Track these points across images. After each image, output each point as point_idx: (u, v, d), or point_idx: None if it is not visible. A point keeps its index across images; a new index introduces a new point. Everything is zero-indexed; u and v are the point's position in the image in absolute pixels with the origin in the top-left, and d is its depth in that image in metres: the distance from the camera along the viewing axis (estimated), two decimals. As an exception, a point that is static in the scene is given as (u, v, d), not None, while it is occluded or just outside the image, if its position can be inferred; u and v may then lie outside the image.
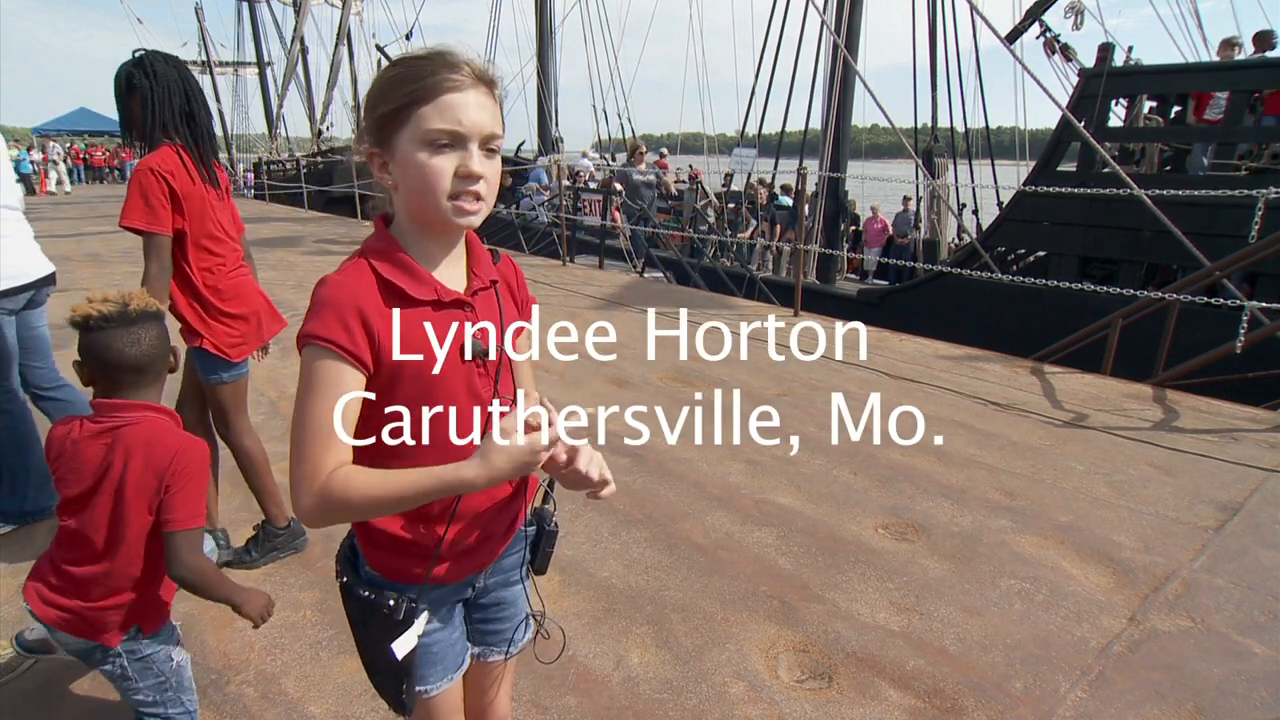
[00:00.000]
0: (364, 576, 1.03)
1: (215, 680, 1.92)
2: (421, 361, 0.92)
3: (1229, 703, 1.85)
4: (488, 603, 1.14)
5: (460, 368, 0.96)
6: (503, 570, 1.13)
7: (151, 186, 2.04)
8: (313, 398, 0.86)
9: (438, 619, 1.04)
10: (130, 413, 1.40)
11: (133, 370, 1.41)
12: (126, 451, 1.35)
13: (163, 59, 2.11)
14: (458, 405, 0.96)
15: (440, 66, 0.88)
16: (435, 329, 0.93)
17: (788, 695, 1.88)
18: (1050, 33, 9.29)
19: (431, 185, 0.88)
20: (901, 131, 8.54)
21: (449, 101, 0.87)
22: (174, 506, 1.36)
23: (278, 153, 22.81)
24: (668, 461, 3.26)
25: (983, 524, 2.73)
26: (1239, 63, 6.53)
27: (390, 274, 0.91)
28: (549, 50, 16.18)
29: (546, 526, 1.14)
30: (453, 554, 1.01)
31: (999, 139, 11.99)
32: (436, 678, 1.06)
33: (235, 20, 28.32)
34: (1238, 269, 4.85)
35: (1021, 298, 6.67)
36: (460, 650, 1.10)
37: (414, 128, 0.87)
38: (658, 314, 6.11)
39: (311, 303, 0.89)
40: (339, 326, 0.86)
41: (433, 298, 0.93)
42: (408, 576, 1.00)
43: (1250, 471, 3.16)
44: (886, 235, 12.63)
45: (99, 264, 8.43)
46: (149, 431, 1.39)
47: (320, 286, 0.89)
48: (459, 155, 0.88)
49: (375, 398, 0.91)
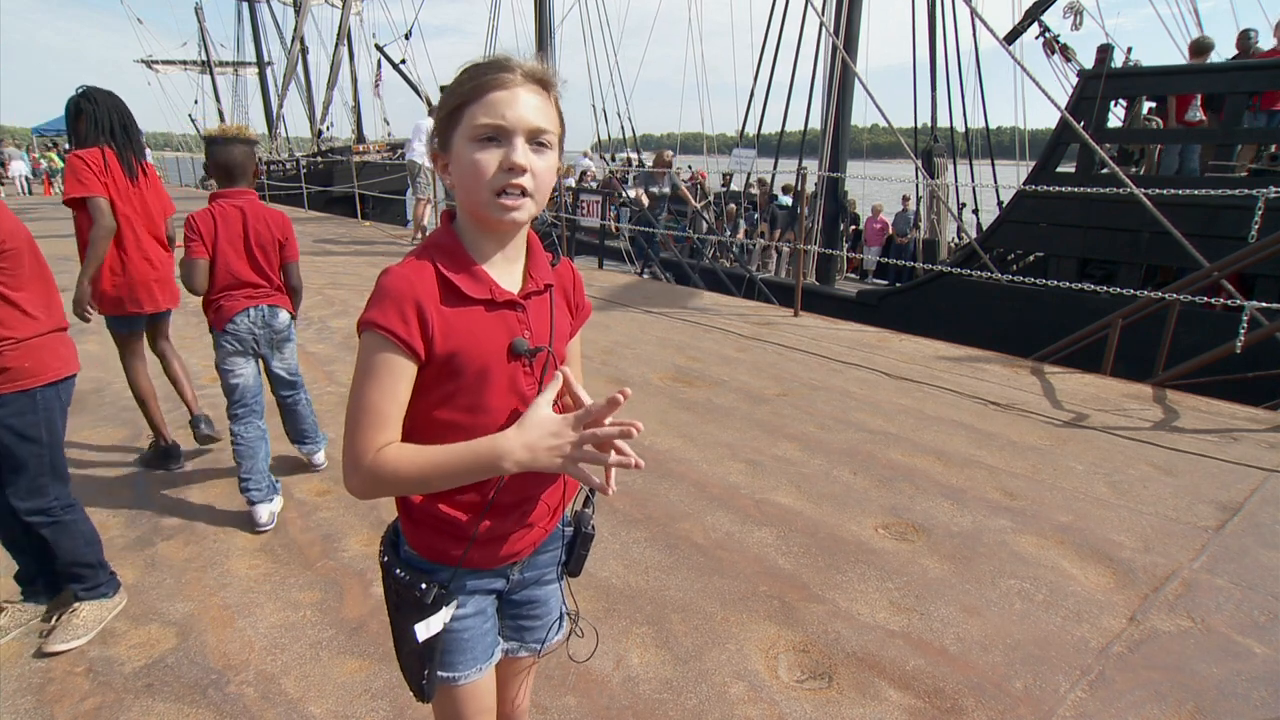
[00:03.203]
0: (403, 556, 1.06)
1: (215, 680, 1.92)
2: (469, 357, 0.95)
3: (1229, 703, 1.85)
4: (521, 599, 1.15)
5: (506, 366, 0.98)
6: (537, 567, 1.14)
7: (78, 166, 2.78)
8: (368, 381, 0.91)
9: (470, 606, 1.06)
10: (241, 198, 2.68)
11: (233, 168, 2.67)
12: (255, 216, 2.68)
13: (103, 93, 2.93)
14: (500, 400, 0.99)
15: (493, 68, 0.92)
16: (486, 327, 0.96)
17: (788, 695, 1.88)
18: (1050, 33, 9.29)
19: (478, 178, 0.92)
20: (901, 132, 8.53)
21: (495, 99, 0.91)
22: (292, 247, 2.82)
23: (278, 153, 22.79)
24: (668, 461, 3.26)
25: (983, 524, 2.73)
26: (1239, 64, 6.52)
27: (449, 270, 0.95)
28: (548, 50, 16.16)
29: (584, 529, 1.16)
30: (489, 539, 1.03)
31: (999, 139, 11.98)
32: (466, 665, 1.07)
33: (235, 20, 28.39)
34: (1237, 269, 4.85)
35: (1021, 298, 6.67)
36: (491, 642, 1.11)
37: (464, 126, 0.92)
38: (658, 314, 6.12)
39: (374, 291, 0.93)
40: (396, 316, 0.90)
41: (487, 297, 0.96)
42: (444, 557, 1.03)
43: (1250, 471, 3.16)
44: (886, 235, 12.64)
45: (99, 264, 8.42)
46: (258, 205, 2.71)
47: (384, 276, 0.93)
48: (504, 149, 0.92)
49: (425, 387, 0.95)
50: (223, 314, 2.66)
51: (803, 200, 7.91)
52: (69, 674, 1.95)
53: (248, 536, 2.64)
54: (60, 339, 2.03)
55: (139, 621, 2.17)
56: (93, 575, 2.13)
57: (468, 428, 0.97)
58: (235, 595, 2.29)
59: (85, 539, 2.11)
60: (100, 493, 2.96)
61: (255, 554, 2.53)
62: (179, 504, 2.88)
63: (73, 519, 2.07)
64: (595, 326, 5.67)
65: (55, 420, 2.00)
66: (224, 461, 3.26)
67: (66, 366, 2.02)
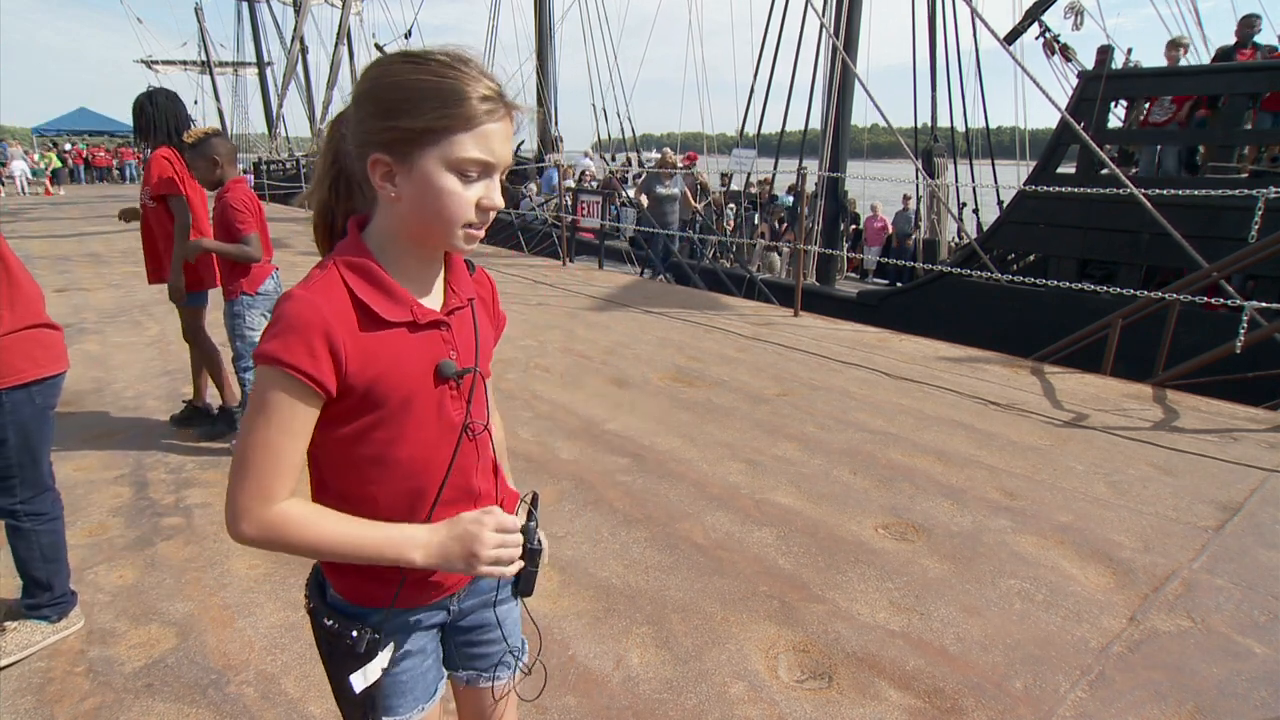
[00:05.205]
0: (330, 602, 0.98)
1: (215, 680, 1.92)
2: (391, 386, 0.87)
3: (1229, 703, 1.85)
4: (469, 625, 1.07)
5: (433, 391, 0.91)
6: (480, 592, 1.06)
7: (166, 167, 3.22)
8: (266, 421, 0.81)
9: (408, 646, 0.99)
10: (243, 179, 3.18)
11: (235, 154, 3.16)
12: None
13: (163, 95, 3.30)
14: (427, 428, 0.92)
15: (478, 88, 0.82)
16: (409, 351, 0.88)
17: (788, 695, 1.88)
18: (1050, 33, 9.29)
19: (453, 214, 0.84)
20: (901, 132, 8.52)
21: (489, 132, 0.83)
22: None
23: (277, 152, 22.80)
24: (667, 461, 3.26)
25: (983, 524, 2.73)
26: (1240, 65, 6.52)
27: (365, 293, 0.85)
28: (548, 49, 16.17)
29: (530, 545, 1.02)
30: (420, 575, 0.95)
31: (999, 139, 11.97)
32: (406, 708, 1.00)
33: (235, 20, 28.41)
34: (1236, 270, 4.85)
35: (1021, 298, 6.67)
36: (433, 679, 1.04)
37: (444, 151, 0.82)
38: (658, 314, 6.12)
39: (275, 317, 0.82)
40: (303, 349, 0.80)
41: (408, 319, 0.88)
42: (373, 600, 0.95)
43: (1250, 471, 3.16)
44: (886, 234, 12.63)
45: (99, 263, 8.43)
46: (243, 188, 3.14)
47: (285, 302, 0.82)
48: (484, 186, 0.85)
49: (339, 419, 0.87)
50: (256, 279, 3.18)
51: (803, 200, 7.91)
52: (69, 674, 1.95)
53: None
54: (34, 339, 1.91)
55: (139, 621, 2.17)
56: (39, 593, 2.04)
57: (391, 462, 0.90)
58: (235, 595, 2.29)
59: (42, 554, 2.01)
60: (100, 493, 2.96)
61: (255, 554, 2.52)
62: (179, 504, 2.88)
63: (33, 528, 1.97)
64: (595, 326, 5.67)
65: (27, 423, 1.90)
66: (224, 463, 3.26)
67: (39, 368, 1.90)
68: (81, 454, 3.30)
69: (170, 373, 4.45)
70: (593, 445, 3.43)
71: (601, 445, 3.44)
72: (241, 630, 2.11)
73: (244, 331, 3.20)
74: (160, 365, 4.63)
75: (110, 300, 6.48)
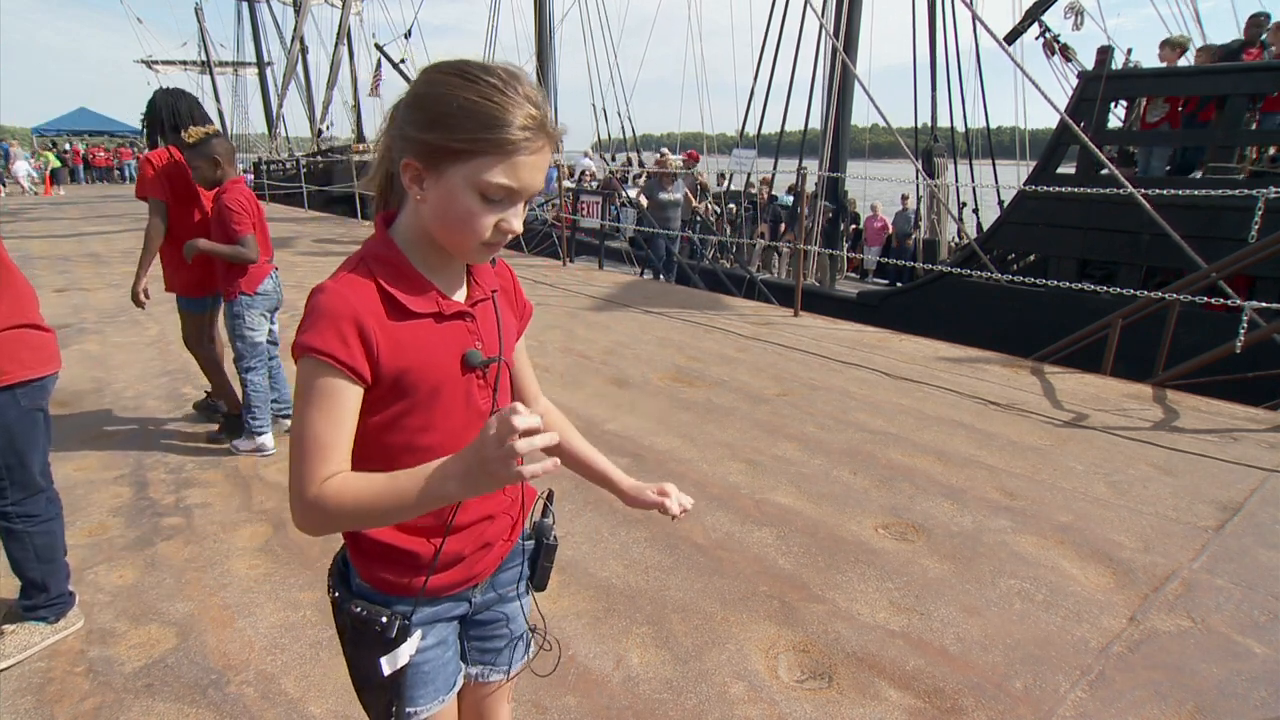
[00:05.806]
0: (355, 590, 1.00)
1: (215, 680, 1.92)
2: (420, 375, 0.89)
3: (1229, 703, 1.85)
4: (484, 619, 1.10)
5: (460, 380, 0.94)
6: (499, 585, 1.09)
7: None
8: (309, 409, 0.83)
9: (431, 636, 1.01)
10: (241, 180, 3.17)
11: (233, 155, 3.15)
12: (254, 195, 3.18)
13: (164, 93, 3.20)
14: (455, 416, 0.94)
15: (519, 116, 0.82)
16: (436, 342, 0.91)
17: (788, 695, 1.88)
18: (1050, 33, 9.29)
19: (473, 231, 0.86)
20: (901, 132, 8.52)
21: (519, 162, 0.84)
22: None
23: (277, 152, 22.79)
24: (667, 461, 3.26)
25: (983, 524, 2.73)
26: (1240, 66, 6.51)
27: (391, 285, 0.88)
28: (548, 50, 16.17)
29: (546, 540, 1.10)
30: (447, 564, 0.98)
31: (999, 139, 11.97)
32: (427, 699, 1.02)
33: (235, 20, 28.37)
34: (1235, 271, 4.85)
35: (1021, 299, 6.67)
36: (453, 671, 1.07)
37: (472, 170, 0.83)
38: (658, 314, 6.12)
39: (306, 311, 0.85)
40: (335, 338, 0.82)
41: (434, 310, 0.91)
42: (399, 589, 0.97)
43: (1250, 471, 3.16)
44: (886, 234, 12.64)
45: (99, 263, 8.42)
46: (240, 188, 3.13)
47: (317, 294, 0.85)
48: (506, 209, 0.87)
49: (373, 408, 0.89)
50: (254, 279, 3.18)
51: (803, 200, 7.92)
52: (69, 674, 1.95)
53: (248, 536, 2.64)
54: (20, 340, 1.87)
55: (139, 621, 2.17)
56: (35, 595, 2.03)
57: (422, 449, 0.91)
58: (235, 595, 2.29)
59: (36, 555, 2.00)
60: (100, 493, 2.96)
61: (255, 554, 2.53)
62: (179, 504, 2.88)
63: (25, 530, 1.96)
64: (595, 326, 5.67)
65: (12, 425, 1.87)
66: (224, 463, 3.26)
67: (24, 369, 1.87)
68: (81, 454, 3.31)
69: (170, 373, 4.45)
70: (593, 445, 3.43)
71: (601, 445, 3.42)
72: (241, 630, 2.11)
73: (244, 332, 3.21)
74: (160, 365, 4.63)
75: (110, 300, 6.48)
